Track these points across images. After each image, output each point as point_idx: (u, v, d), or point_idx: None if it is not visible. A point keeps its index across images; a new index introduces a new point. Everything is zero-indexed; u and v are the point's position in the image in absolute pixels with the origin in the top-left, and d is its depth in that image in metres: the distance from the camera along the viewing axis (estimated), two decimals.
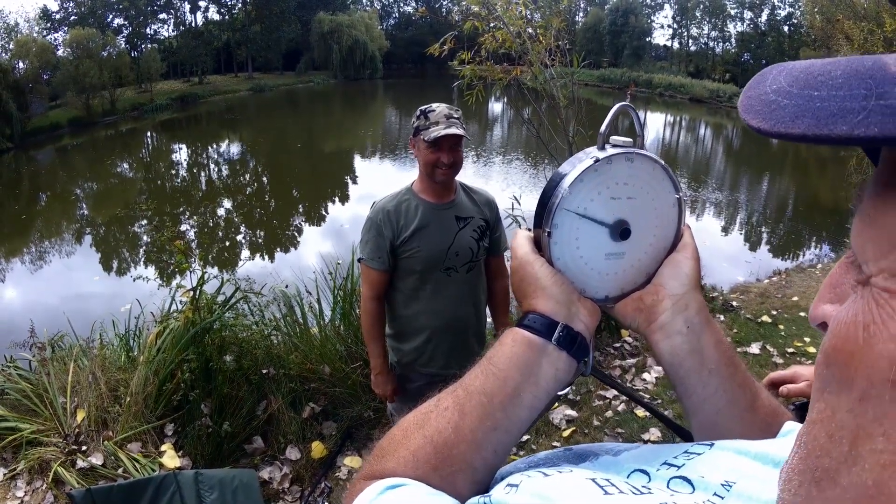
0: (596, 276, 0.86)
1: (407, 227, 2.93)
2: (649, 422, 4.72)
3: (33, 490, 3.72)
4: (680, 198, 0.88)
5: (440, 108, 2.85)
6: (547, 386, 0.79)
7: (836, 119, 0.36)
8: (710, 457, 0.69)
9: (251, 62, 65.39)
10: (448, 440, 0.74)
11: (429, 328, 3.08)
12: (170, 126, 42.17)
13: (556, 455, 0.80)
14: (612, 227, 0.83)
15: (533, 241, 0.86)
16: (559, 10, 7.16)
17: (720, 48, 67.83)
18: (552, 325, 0.80)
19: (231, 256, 14.36)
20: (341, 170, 25.77)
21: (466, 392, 0.78)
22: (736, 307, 6.89)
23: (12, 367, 4.76)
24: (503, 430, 0.76)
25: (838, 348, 0.39)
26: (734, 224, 16.92)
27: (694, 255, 0.88)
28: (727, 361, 0.84)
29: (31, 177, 27.81)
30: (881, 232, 0.37)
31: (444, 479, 0.73)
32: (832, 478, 0.39)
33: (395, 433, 0.79)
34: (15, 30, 43.66)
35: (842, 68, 0.39)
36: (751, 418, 0.83)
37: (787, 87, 0.41)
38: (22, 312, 9.89)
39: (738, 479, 0.63)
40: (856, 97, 0.36)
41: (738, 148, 35.16)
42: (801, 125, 0.38)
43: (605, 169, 0.81)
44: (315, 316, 5.13)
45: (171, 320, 4.49)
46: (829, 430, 0.39)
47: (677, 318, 0.84)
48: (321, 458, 4.15)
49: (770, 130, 0.40)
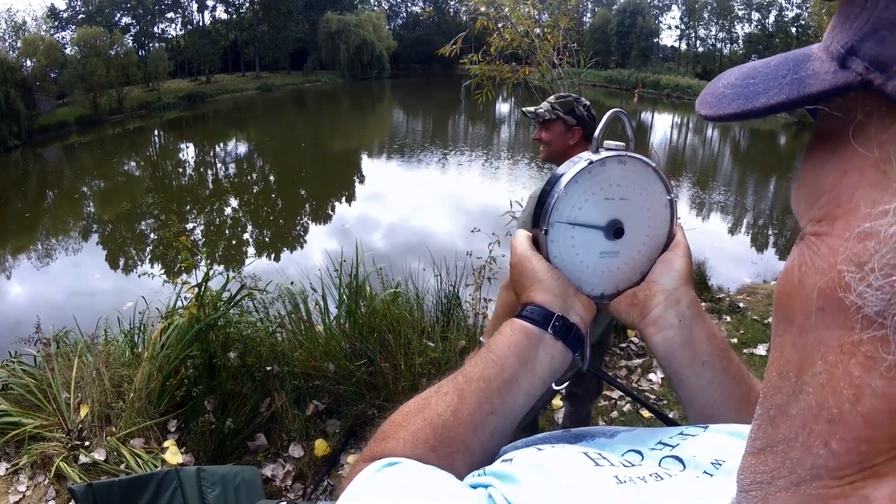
0: (591, 274, 0.90)
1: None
2: (655, 423, 4.69)
3: (35, 485, 3.73)
4: (671, 199, 0.92)
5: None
6: (543, 373, 0.83)
7: (759, 96, 0.41)
8: (704, 438, 0.73)
9: (258, 61, 65.59)
10: (447, 422, 0.78)
11: None
12: (177, 125, 42.26)
13: (554, 435, 0.85)
14: (606, 227, 0.87)
15: (531, 240, 0.91)
16: (567, 10, 7.16)
17: (728, 49, 67.82)
18: (549, 315, 0.84)
19: (237, 254, 14.38)
20: (348, 169, 25.79)
21: (466, 378, 0.82)
22: (743, 308, 6.86)
23: (16, 362, 4.77)
24: (500, 415, 0.80)
25: (781, 293, 0.42)
26: (741, 225, 16.86)
27: (686, 253, 0.92)
28: (721, 354, 0.87)
29: (38, 174, 27.86)
30: (808, 188, 0.41)
31: (441, 459, 0.76)
32: (784, 411, 0.41)
33: (395, 417, 0.83)
34: (22, 28, 43.82)
35: (778, 59, 0.44)
36: (746, 410, 0.84)
37: (734, 81, 0.45)
38: (28, 308, 9.95)
39: (728, 458, 0.66)
40: (779, 76, 0.41)
41: (746, 150, 35.14)
42: (734, 106, 0.43)
43: (598, 171, 0.86)
44: (320, 313, 5.11)
45: (176, 317, 4.48)
46: (778, 367, 0.42)
47: (669, 312, 0.88)
48: (324, 455, 4.14)
49: (711, 115, 0.45)
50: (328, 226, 17.26)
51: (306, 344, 4.72)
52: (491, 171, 21.80)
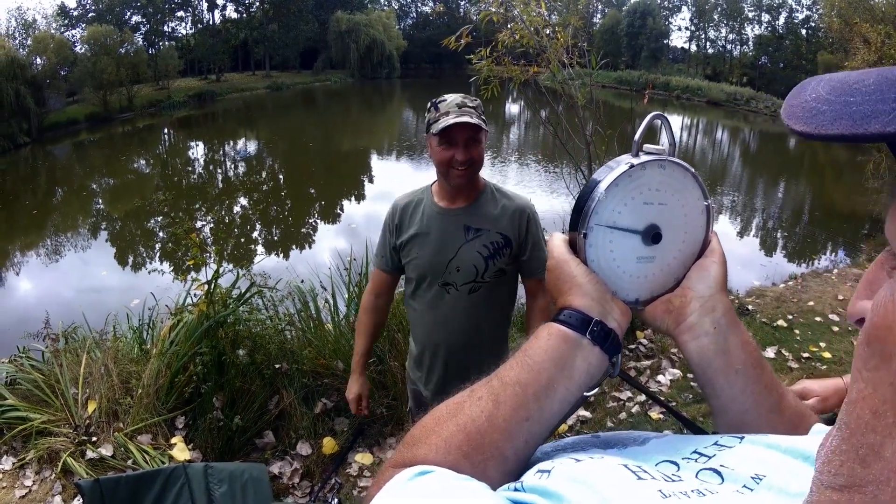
0: (627, 279, 0.89)
1: (407, 230, 2.63)
2: (663, 424, 4.69)
3: (41, 479, 3.73)
4: (708, 205, 0.92)
5: (452, 97, 2.43)
6: (579, 380, 0.81)
7: (869, 119, 0.41)
8: (741, 450, 0.71)
9: (268, 60, 65.66)
10: (481, 429, 0.76)
11: (423, 343, 2.80)
12: (186, 123, 42.33)
13: (584, 440, 0.84)
14: (644, 232, 0.87)
15: (568, 244, 0.89)
16: (577, 10, 7.14)
17: (738, 51, 67.54)
18: (587, 320, 0.82)
19: (246, 252, 14.39)
20: (357, 169, 25.80)
21: (501, 382, 0.79)
22: (752, 311, 6.84)
23: (25, 357, 4.78)
24: (535, 421, 0.78)
25: (877, 325, 0.41)
26: (750, 228, 16.81)
27: (721, 260, 0.91)
28: (754, 362, 0.87)
29: (48, 171, 27.99)
30: None
31: (475, 466, 0.74)
32: (877, 452, 0.40)
33: (426, 421, 0.81)
34: (33, 26, 43.96)
35: (874, 77, 0.44)
36: (776, 419, 0.85)
37: (826, 95, 0.45)
38: (36, 304, 9.99)
39: (768, 472, 0.65)
40: (886, 100, 0.41)
41: (755, 152, 35.04)
42: (839, 126, 0.43)
43: (638, 175, 0.85)
44: (330, 311, 5.11)
45: (186, 313, 4.49)
46: (872, 406, 0.41)
47: (704, 320, 0.87)
48: (332, 454, 4.13)
49: (812, 133, 0.45)
50: (337, 225, 17.26)
51: (315, 342, 4.73)
52: (499, 172, 21.77)
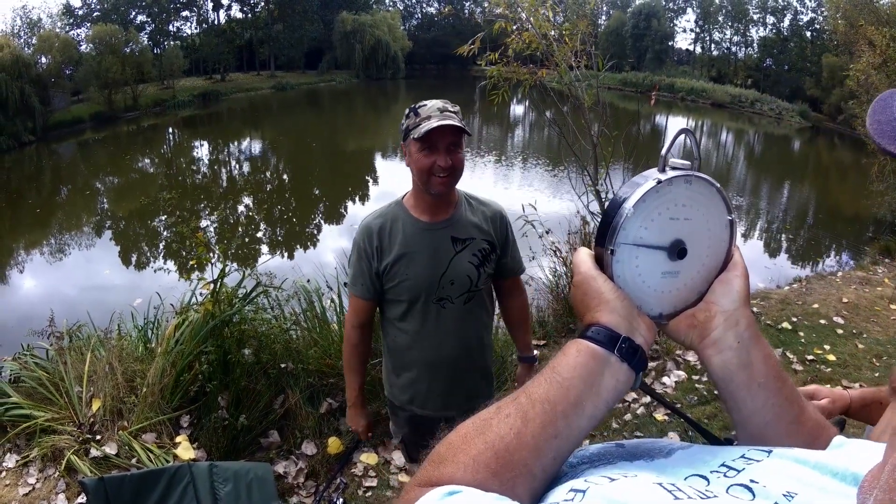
0: (652, 294, 0.89)
1: (389, 252, 2.53)
2: (668, 426, 4.68)
3: (45, 477, 3.73)
4: (732, 219, 0.92)
5: (432, 103, 2.42)
6: (607, 396, 0.81)
7: None
8: (770, 464, 0.72)
9: (273, 60, 65.64)
10: (510, 446, 0.75)
11: (420, 364, 2.73)
12: (191, 122, 42.36)
13: (609, 451, 0.84)
14: (669, 248, 0.87)
15: (594, 259, 0.89)
16: (584, 14, 7.14)
17: (742, 53, 67.47)
18: (615, 337, 0.82)
19: (251, 252, 14.40)
20: (362, 169, 25.82)
21: (530, 399, 0.78)
22: (756, 313, 6.82)
23: (29, 355, 4.77)
24: (563, 438, 0.77)
25: None
26: (754, 230, 16.81)
27: (744, 274, 0.92)
28: (775, 375, 0.88)
29: (52, 170, 28.01)
30: None
31: (503, 484, 0.73)
32: None
33: (452, 438, 0.79)
34: (38, 25, 43.96)
35: None
36: (797, 431, 0.87)
37: None
38: (41, 302, 9.98)
39: (799, 489, 0.64)
40: None
41: (759, 154, 35.01)
42: None
43: (665, 190, 0.85)
44: (335, 311, 5.10)
45: (191, 312, 4.48)
46: None
47: (728, 334, 0.88)
48: (337, 453, 4.13)
49: None
50: (342, 225, 17.27)
51: (321, 342, 4.72)
52: (503, 174, 21.77)
